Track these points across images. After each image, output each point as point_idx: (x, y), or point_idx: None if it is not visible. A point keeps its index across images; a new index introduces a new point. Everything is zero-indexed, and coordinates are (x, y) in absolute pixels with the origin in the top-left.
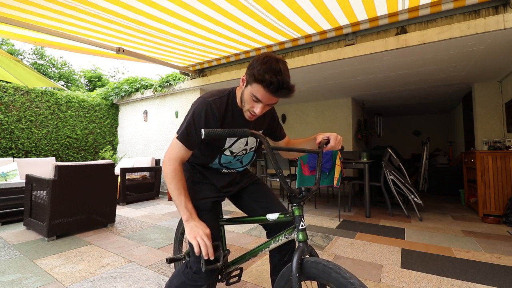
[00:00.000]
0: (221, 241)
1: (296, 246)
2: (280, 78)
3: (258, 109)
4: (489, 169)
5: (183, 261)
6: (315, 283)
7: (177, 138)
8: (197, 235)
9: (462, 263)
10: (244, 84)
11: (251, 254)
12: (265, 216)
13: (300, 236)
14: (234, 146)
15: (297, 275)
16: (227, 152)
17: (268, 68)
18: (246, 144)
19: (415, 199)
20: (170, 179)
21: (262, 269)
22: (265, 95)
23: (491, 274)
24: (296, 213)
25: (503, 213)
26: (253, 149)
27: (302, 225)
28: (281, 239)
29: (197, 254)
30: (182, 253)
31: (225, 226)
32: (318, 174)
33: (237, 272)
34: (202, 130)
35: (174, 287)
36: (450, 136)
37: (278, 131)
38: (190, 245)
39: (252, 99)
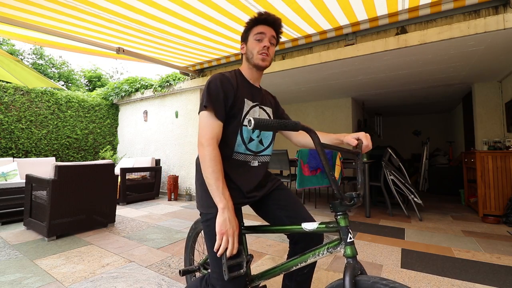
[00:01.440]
0: (243, 248)
1: (346, 263)
2: (267, 12)
3: (265, 42)
4: (489, 169)
5: (198, 273)
6: None
7: (204, 109)
8: (226, 232)
9: (462, 263)
10: (245, 43)
11: (283, 268)
12: (299, 225)
13: (349, 251)
14: (250, 114)
15: None
16: (245, 122)
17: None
18: (259, 116)
19: (415, 199)
20: (209, 161)
21: (262, 269)
22: (263, 27)
23: (491, 274)
24: (343, 223)
25: (503, 213)
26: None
27: (350, 238)
28: (323, 253)
29: (215, 250)
30: (194, 262)
31: (246, 235)
32: (360, 178)
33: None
34: (251, 118)
35: None
36: (450, 136)
37: (286, 118)
38: (211, 259)
39: (256, 40)
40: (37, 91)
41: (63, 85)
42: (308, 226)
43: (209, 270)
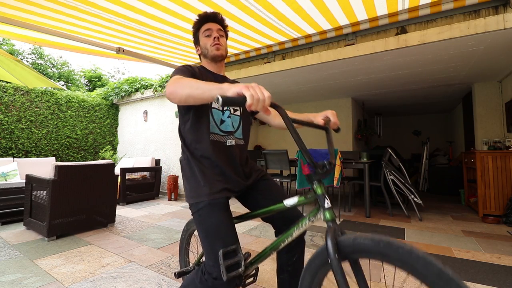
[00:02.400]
0: (239, 245)
1: (327, 227)
2: (206, 11)
3: (214, 34)
4: (489, 169)
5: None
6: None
7: (172, 76)
8: (247, 86)
9: (462, 263)
10: (198, 44)
11: (272, 248)
12: (282, 203)
13: (328, 215)
14: None
15: (336, 256)
16: (214, 105)
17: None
18: None
19: (415, 199)
20: (186, 81)
21: (262, 269)
22: (208, 25)
23: (491, 274)
24: (319, 191)
25: (503, 213)
26: (238, 114)
27: (327, 204)
28: (305, 223)
29: (252, 98)
30: (189, 264)
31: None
32: (331, 149)
33: (253, 272)
34: (219, 96)
35: None
36: (450, 136)
37: None
38: (205, 248)
39: (205, 36)
40: (37, 91)
41: (63, 85)
42: (289, 201)
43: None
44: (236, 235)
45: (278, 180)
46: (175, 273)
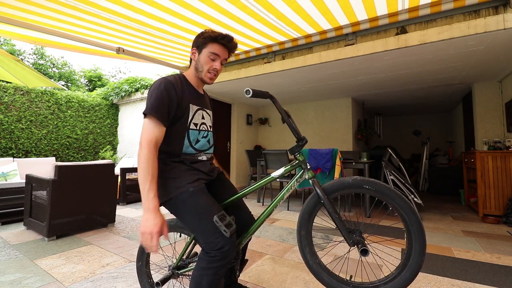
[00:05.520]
0: (226, 213)
1: (311, 182)
2: (228, 34)
3: (218, 64)
4: (489, 169)
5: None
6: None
7: (147, 115)
8: (149, 231)
9: (462, 263)
10: (197, 52)
11: (266, 214)
12: (270, 176)
13: (310, 174)
14: (195, 117)
15: (325, 196)
16: (192, 126)
17: (217, 32)
18: (203, 118)
19: (415, 199)
20: (144, 162)
21: (262, 269)
22: (220, 49)
23: (491, 274)
24: (301, 158)
25: (503, 213)
26: (210, 129)
27: (308, 166)
28: (294, 184)
29: (146, 251)
30: (150, 275)
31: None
32: (294, 128)
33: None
34: (249, 89)
35: (208, 286)
36: (450, 136)
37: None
38: (202, 228)
39: (210, 59)
40: (37, 91)
41: (63, 85)
42: (276, 173)
43: (195, 258)
44: (221, 207)
45: (278, 180)
46: (157, 283)
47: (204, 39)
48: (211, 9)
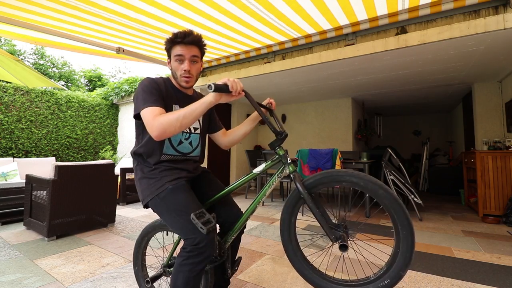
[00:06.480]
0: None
1: (292, 176)
2: (182, 30)
3: (185, 65)
4: (489, 169)
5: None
6: None
7: (142, 110)
8: (232, 80)
9: (462, 263)
10: (169, 60)
11: (249, 211)
12: (252, 173)
13: (291, 168)
14: None
15: (305, 191)
16: None
17: (175, 33)
18: None
19: (415, 199)
20: (172, 115)
21: (262, 269)
22: (181, 48)
23: (491, 274)
24: (281, 152)
25: (503, 213)
26: (198, 131)
27: (289, 160)
28: (275, 180)
29: (230, 89)
30: (146, 270)
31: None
32: (280, 122)
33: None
34: (212, 84)
35: (184, 283)
36: (450, 136)
37: (216, 122)
38: (180, 225)
39: (177, 62)
40: (37, 91)
41: (63, 85)
42: (258, 169)
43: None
44: (201, 205)
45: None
46: (147, 281)
47: (167, 45)
48: (211, 8)
